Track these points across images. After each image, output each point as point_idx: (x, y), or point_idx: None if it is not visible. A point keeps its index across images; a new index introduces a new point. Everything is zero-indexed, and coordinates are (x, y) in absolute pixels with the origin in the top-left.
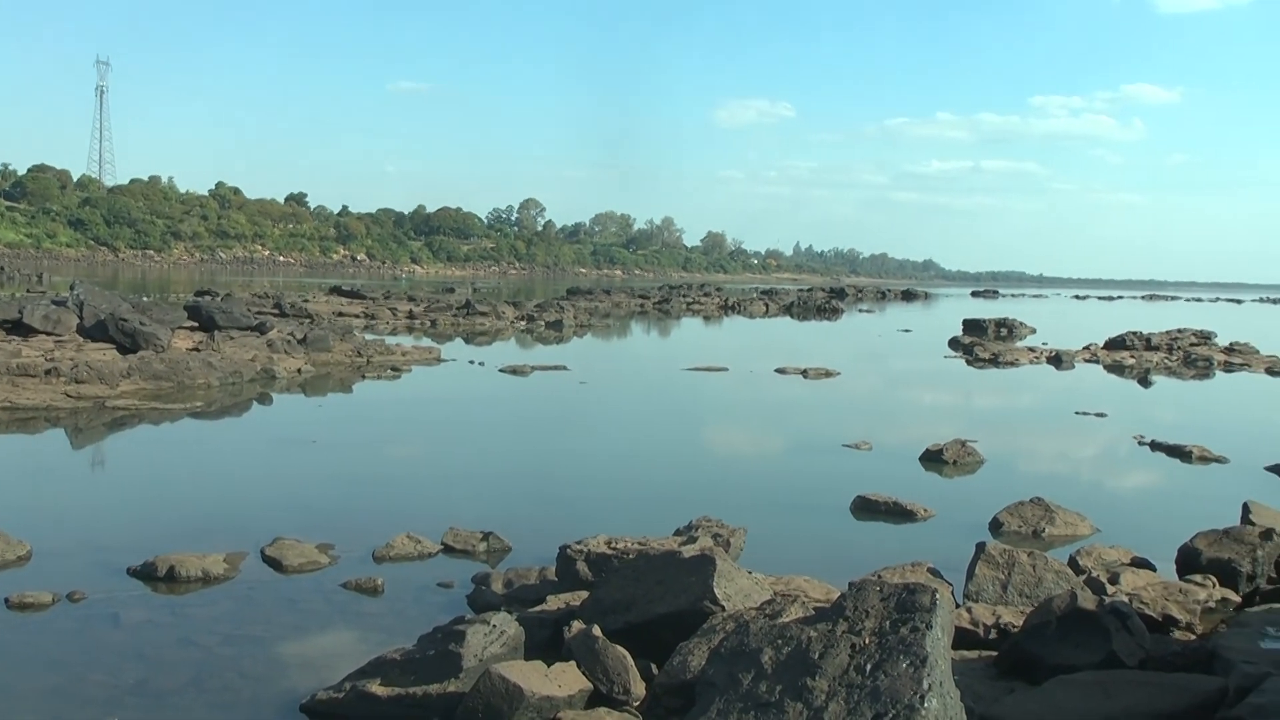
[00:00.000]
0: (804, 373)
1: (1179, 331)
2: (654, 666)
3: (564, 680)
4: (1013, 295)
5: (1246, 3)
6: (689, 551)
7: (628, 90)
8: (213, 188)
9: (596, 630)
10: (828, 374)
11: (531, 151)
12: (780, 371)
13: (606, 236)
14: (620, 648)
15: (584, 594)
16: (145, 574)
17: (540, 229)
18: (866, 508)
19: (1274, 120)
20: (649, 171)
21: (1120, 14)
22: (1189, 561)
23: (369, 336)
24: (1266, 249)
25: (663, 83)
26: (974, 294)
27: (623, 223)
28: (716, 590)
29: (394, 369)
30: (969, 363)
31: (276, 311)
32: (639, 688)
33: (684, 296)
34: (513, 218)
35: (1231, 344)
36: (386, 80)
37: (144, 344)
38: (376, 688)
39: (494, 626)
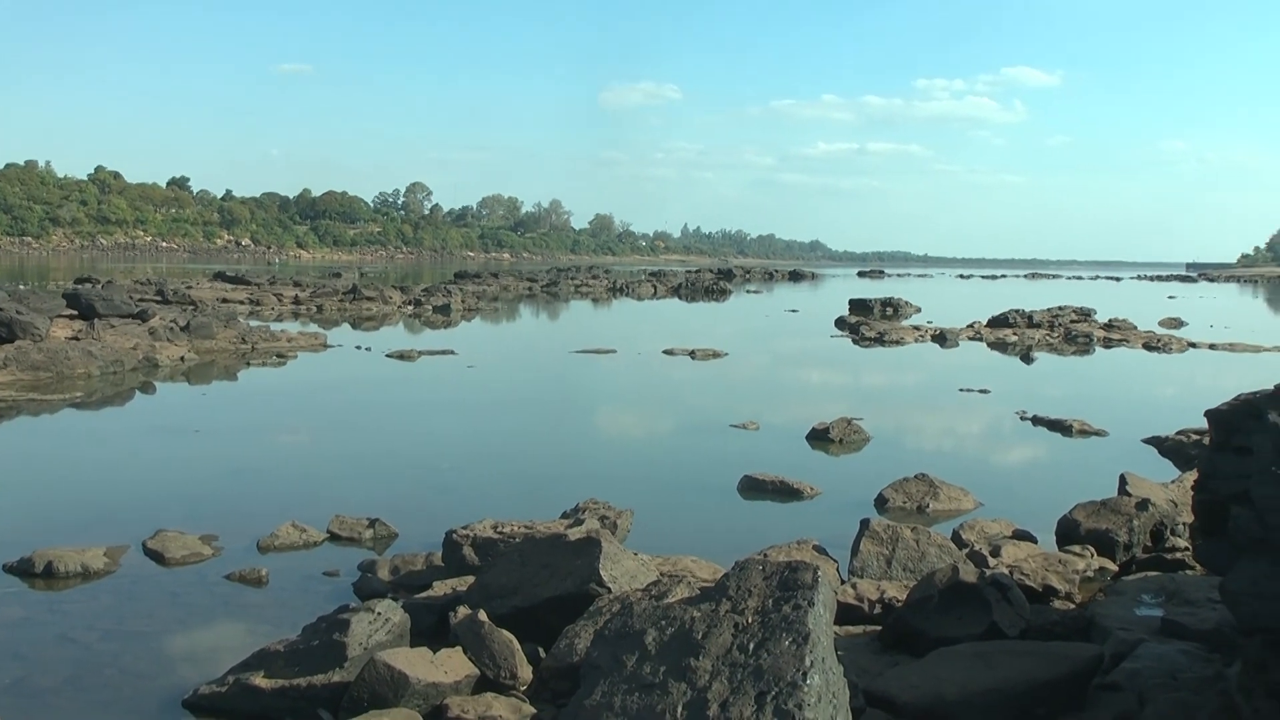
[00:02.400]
0: (692, 354)
1: (1060, 309)
2: (541, 650)
3: (450, 666)
4: (898, 275)
5: None
6: (575, 534)
7: (514, 73)
8: (92, 172)
9: (482, 615)
10: (715, 355)
11: (418, 134)
12: (668, 353)
13: (494, 220)
14: (506, 632)
15: (470, 579)
16: (22, 570)
17: (427, 213)
18: (753, 487)
19: (1150, 103)
20: (536, 154)
21: None
22: (1068, 533)
23: (254, 323)
24: (1144, 228)
25: (549, 65)
26: (860, 274)
27: (510, 206)
28: (603, 572)
29: (279, 356)
30: (855, 342)
31: (159, 298)
32: (526, 672)
33: (572, 279)
34: (399, 201)
35: (1110, 320)
36: (271, 62)
37: (21, 333)
38: (260, 680)
39: (379, 614)
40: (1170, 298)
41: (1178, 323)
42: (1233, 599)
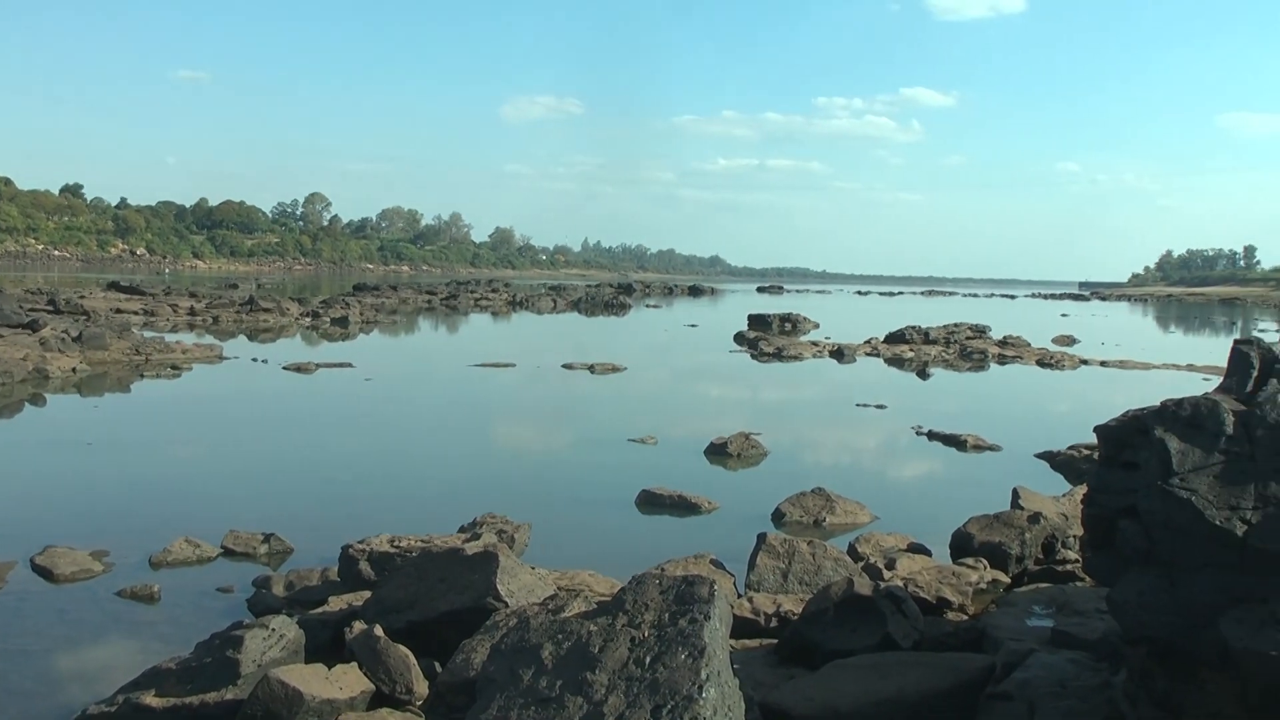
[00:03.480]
0: (591, 368)
1: (956, 326)
2: (437, 665)
3: (345, 682)
4: (797, 291)
5: (1017, 12)
6: (472, 548)
7: (415, 84)
8: None
9: (378, 630)
10: (614, 369)
11: (318, 144)
12: (567, 367)
13: (394, 232)
14: (402, 647)
15: (367, 594)
16: None
17: (326, 224)
18: (651, 501)
19: (1044, 125)
20: (436, 167)
21: (899, 19)
22: (962, 545)
23: (148, 334)
24: (1039, 247)
25: (450, 77)
26: (760, 289)
27: (410, 218)
28: (499, 587)
29: (174, 367)
30: (754, 357)
31: (50, 308)
32: (422, 687)
33: (472, 292)
34: (298, 212)
35: (1005, 337)
36: (168, 68)
37: None
38: (151, 699)
39: (273, 630)
40: (1063, 316)
41: (1070, 340)
42: (1119, 609)
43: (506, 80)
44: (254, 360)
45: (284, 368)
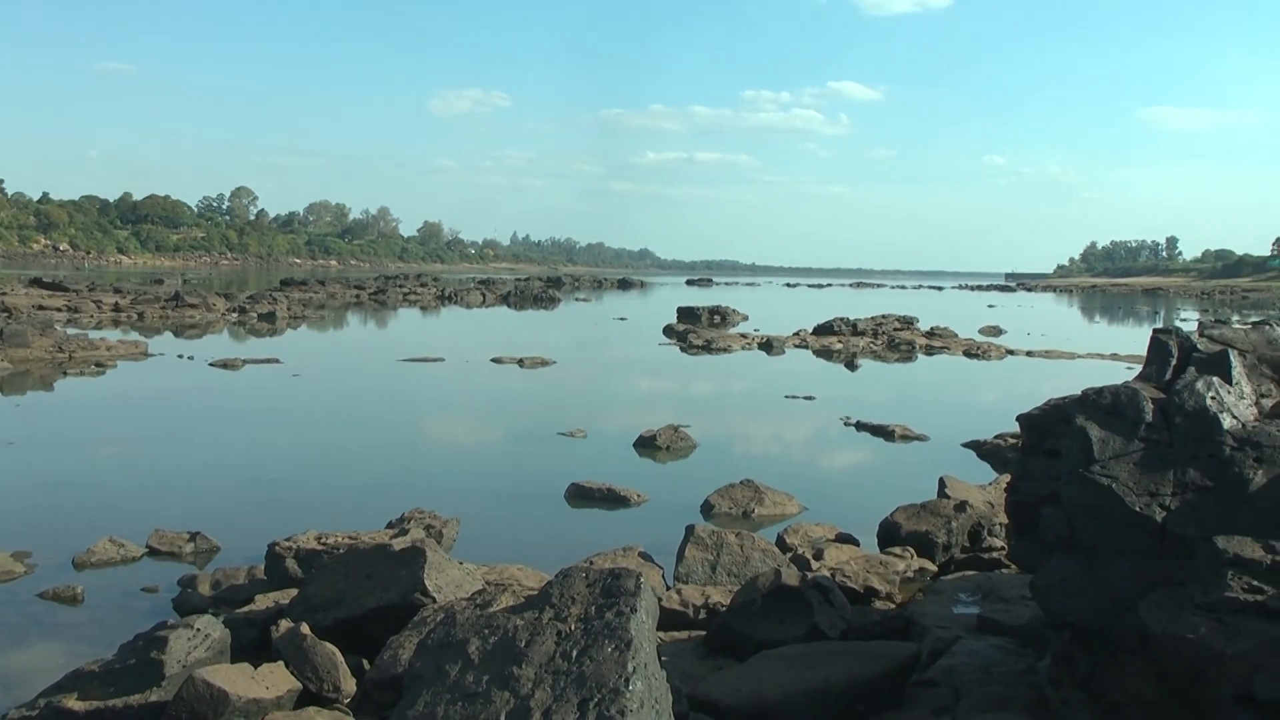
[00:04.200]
0: (520, 362)
1: (884, 317)
2: (365, 662)
3: (272, 681)
4: (726, 283)
5: (943, 8)
6: (400, 544)
7: (342, 77)
8: None
9: (305, 628)
10: (544, 363)
11: (244, 138)
12: (496, 361)
13: (321, 226)
14: (330, 645)
15: (294, 592)
16: None
17: (253, 218)
18: (581, 495)
19: (969, 118)
20: (364, 161)
21: (827, 13)
22: (889, 535)
23: (72, 331)
24: (966, 239)
25: (377, 71)
26: (689, 282)
27: (338, 212)
28: (427, 582)
29: (98, 365)
30: (683, 349)
31: None
32: (349, 684)
33: (400, 287)
34: (224, 206)
35: (932, 328)
36: (90, 60)
37: None
38: (73, 702)
39: (198, 630)
40: (990, 306)
41: (997, 331)
42: (1042, 595)
43: (434, 74)
44: (180, 357)
45: (210, 364)
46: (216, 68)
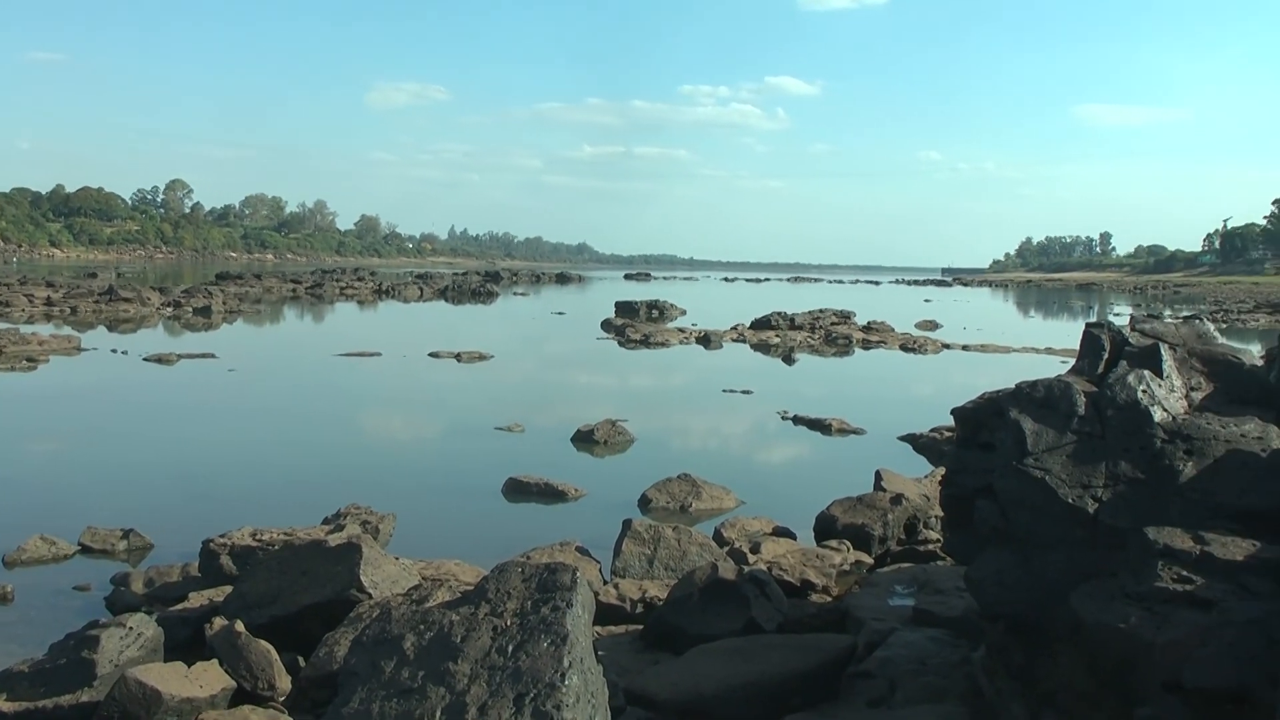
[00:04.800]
0: (457, 356)
1: (821, 312)
2: (301, 659)
3: (206, 680)
4: (665, 278)
5: (880, 4)
6: (336, 540)
7: (278, 69)
8: None
9: (239, 625)
10: (481, 357)
11: (178, 129)
12: (434, 356)
13: (257, 219)
14: (264, 642)
15: (228, 589)
16: None
17: (188, 211)
18: (518, 489)
19: (906, 113)
20: (301, 153)
21: (764, 8)
22: (826, 528)
23: (2, 325)
24: (903, 234)
25: (313, 62)
26: (627, 277)
27: (274, 205)
28: (363, 578)
29: (29, 360)
30: (621, 344)
31: None
32: (285, 682)
33: (337, 281)
34: (159, 199)
35: (869, 323)
36: (20, 49)
37: None
38: (2, 703)
39: (130, 629)
40: (926, 301)
41: (933, 325)
42: (977, 587)
43: (371, 66)
44: (113, 351)
45: (145, 359)
46: (150, 58)
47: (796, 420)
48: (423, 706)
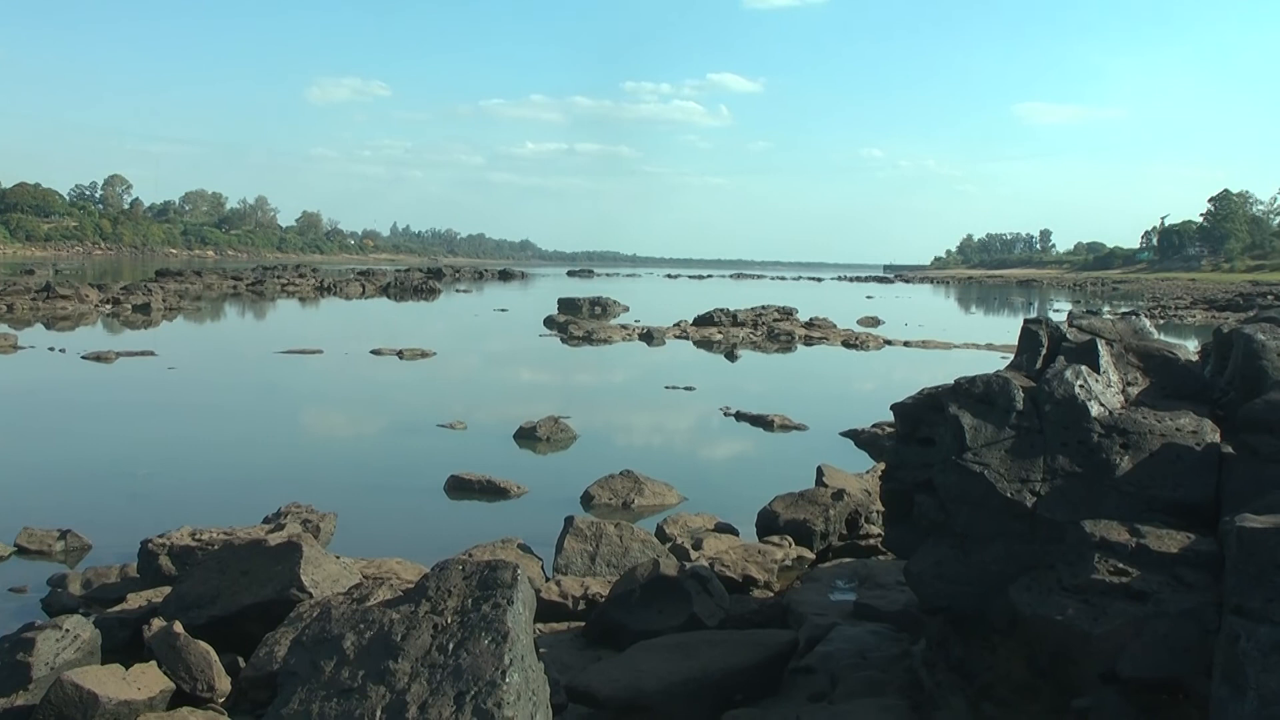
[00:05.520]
0: (400, 354)
1: (763, 308)
2: (241, 660)
3: (144, 682)
4: (607, 275)
5: (822, 2)
6: (276, 539)
7: (217, 63)
8: None
9: (178, 627)
10: (424, 354)
11: (117, 125)
12: (376, 353)
13: (198, 216)
14: (204, 643)
15: (167, 589)
16: None
17: (127, 207)
18: (460, 487)
19: (848, 111)
20: (241, 149)
21: (706, 5)
22: (768, 524)
23: None
24: (845, 231)
25: (253, 56)
26: (570, 273)
27: (214, 202)
28: (303, 577)
29: None
30: (564, 340)
31: None
32: (224, 683)
33: (279, 278)
34: (97, 195)
35: (811, 319)
36: None
37: None
38: None
39: (67, 631)
40: (868, 297)
41: (875, 321)
42: (916, 581)
43: (311, 61)
44: (51, 349)
45: (83, 357)
46: (88, 51)
47: (739, 416)
48: (363, 706)
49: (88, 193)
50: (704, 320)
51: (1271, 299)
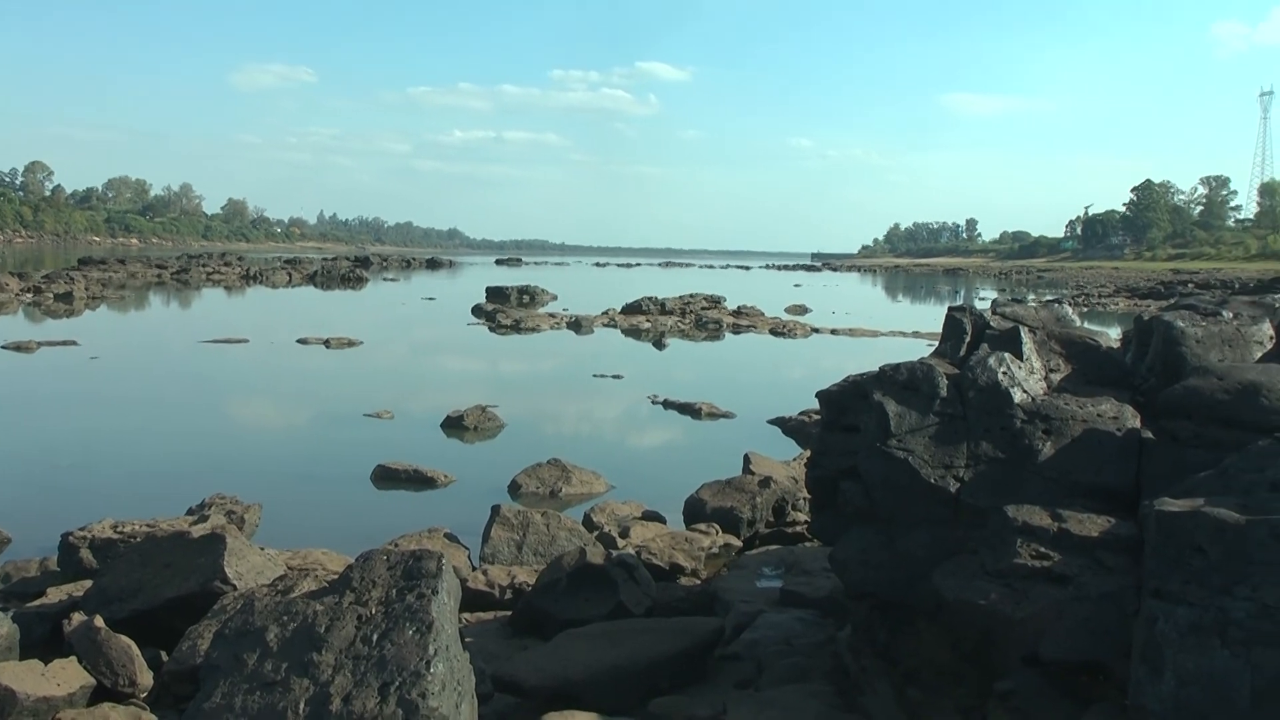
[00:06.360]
0: (326, 343)
1: (692, 296)
2: (164, 654)
3: (63, 678)
4: (536, 263)
5: None
6: (199, 531)
7: (136, 46)
8: None
9: (99, 621)
10: (350, 343)
11: (37, 111)
12: (302, 342)
13: (121, 203)
14: (125, 637)
15: (88, 583)
16: None
17: (49, 194)
18: (387, 476)
19: (777, 101)
20: (165, 136)
21: None
22: (695, 511)
23: None
24: (773, 219)
25: (175, 39)
26: (498, 262)
27: (138, 189)
28: (227, 570)
29: None
30: (492, 329)
31: None
32: (146, 678)
33: (204, 266)
34: (17, 182)
35: (740, 307)
36: None
37: None
38: None
39: None
40: (796, 286)
41: (803, 309)
42: (841, 567)
43: (235, 46)
44: None
45: (3, 346)
46: (5, 35)
47: (667, 405)
48: (286, 699)
49: (8, 179)
50: (632, 309)
51: (1192, 287)
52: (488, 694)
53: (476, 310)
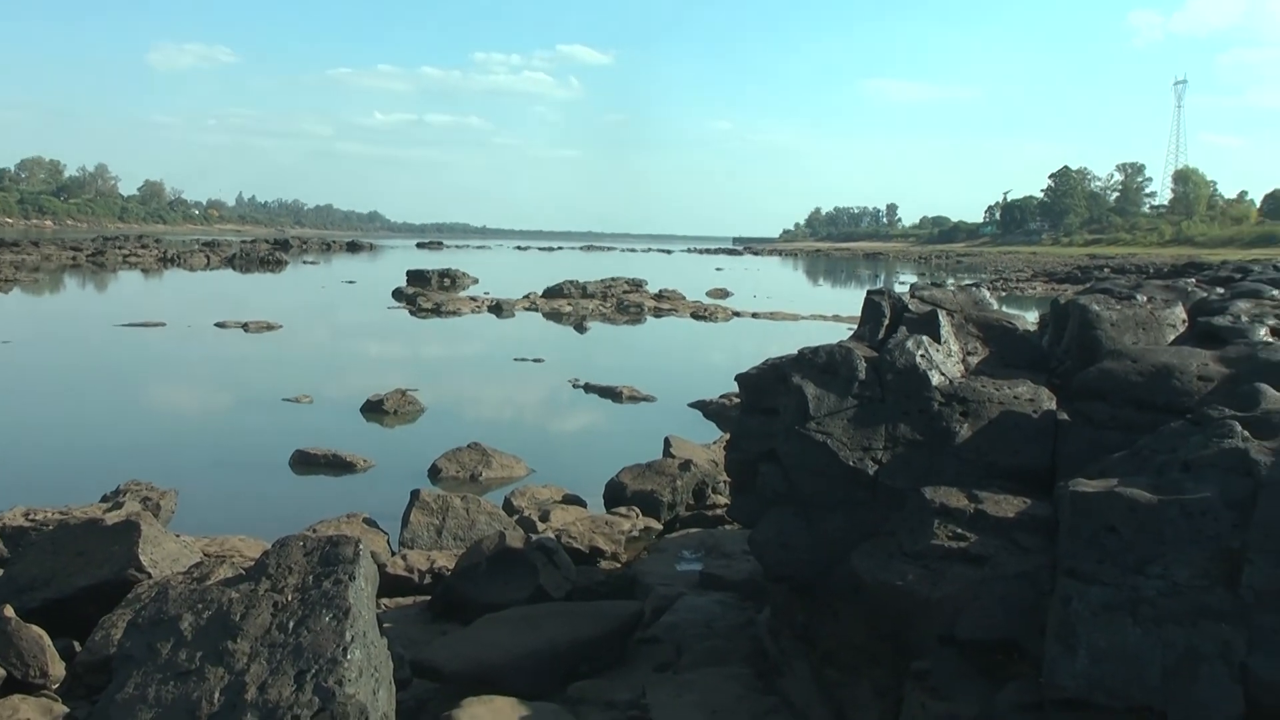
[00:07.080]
0: (245, 326)
1: (613, 280)
2: (77, 644)
3: None
4: (457, 246)
5: None
6: (113, 518)
7: (48, 19)
8: None
9: (9, 610)
10: (269, 327)
11: None
12: (220, 325)
13: (34, 184)
14: (36, 627)
15: None
16: None
17: None
18: (306, 461)
19: (697, 84)
20: (79, 115)
21: None
22: (616, 495)
23: None
24: (695, 203)
25: (90, 16)
26: (419, 245)
27: (52, 169)
28: (142, 557)
29: None
30: (412, 313)
31: None
32: (58, 669)
33: (120, 248)
34: None
35: (661, 291)
36: None
37: None
38: None
39: None
40: (718, 270)
41: (724, 293)
42: (760, 549)
43: (152, 24)
44: None
45: None
46: None
47: (588, 388)
48: (200, 689)
49: None
50: (554, 292)
51: (1108, 272)
52: (406, 680)
53: (397, 294)
